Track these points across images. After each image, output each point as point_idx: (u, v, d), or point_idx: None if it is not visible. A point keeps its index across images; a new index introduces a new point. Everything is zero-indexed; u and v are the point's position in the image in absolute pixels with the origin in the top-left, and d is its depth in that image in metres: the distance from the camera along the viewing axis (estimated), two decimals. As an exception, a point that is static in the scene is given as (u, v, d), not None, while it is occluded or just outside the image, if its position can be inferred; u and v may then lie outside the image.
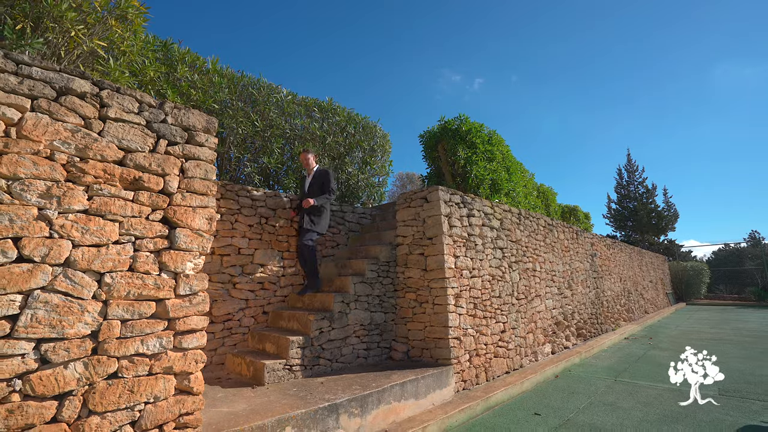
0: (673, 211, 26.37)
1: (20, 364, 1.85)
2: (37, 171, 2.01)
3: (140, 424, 2.16)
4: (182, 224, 2.47)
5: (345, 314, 4.33)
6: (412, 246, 4.91)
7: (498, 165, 6.72)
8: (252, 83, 5.44)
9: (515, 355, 5.38)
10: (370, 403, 3.29)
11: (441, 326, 4.36)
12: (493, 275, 5.25)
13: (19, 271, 1.89)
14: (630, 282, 12.88)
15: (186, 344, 2.38)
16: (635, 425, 3.43)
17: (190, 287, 2.44)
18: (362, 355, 4.43)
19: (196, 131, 2.67)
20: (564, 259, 7.67)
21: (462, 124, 6.27)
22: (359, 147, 6.69)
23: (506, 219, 5.85)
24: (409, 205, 5.02)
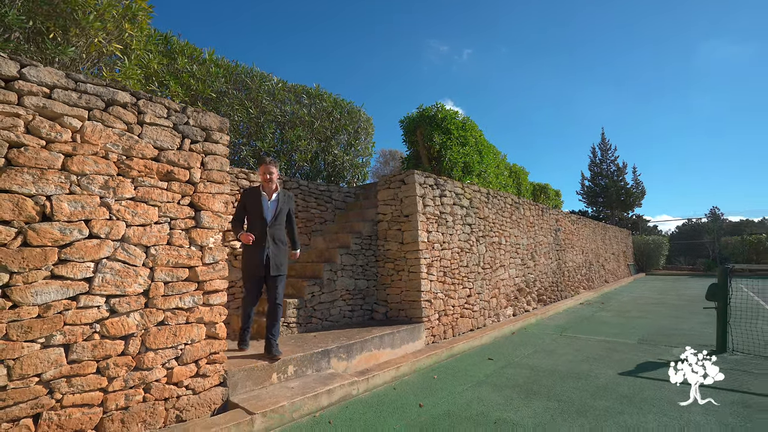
0: (641, 189, 27.82)
1: (97, 313, 2.51)
2: (97, 168, 2.60)
3: (182, 359, 2.87)
4: (205, 207, 3.10)
5: (333, 281, 5.08)
6: (391, 222, 5.63)
7: (471, 149, 7.42)
8: (246, 72, 5.89)
9: (479, 316, 6.28)
10: (354, 350, 4.09)
11: (415, 291, 5.16)
12: (461, 248, 6.05)
13: (91, 245, 2.52)
14: (592, 254, 14.06)
15: (212, 301, 3.07)
16: (563, 364, 4.35)
17: (213, 257, 3.11)
18: (348, 315, 5.23)
19: (212, 131, 3.26)
20: (529, 234, 8.56)
21: (438, 111, 6.89)
22: (344, 130, 7.25)
23: (475, 198, 6.62)
24: (389, 186, 5.70)
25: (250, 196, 3.69)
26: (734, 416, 2.87)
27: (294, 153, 6.41)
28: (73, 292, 2.43)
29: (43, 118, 2.44)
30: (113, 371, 2.55)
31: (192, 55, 5.40)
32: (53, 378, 2.33)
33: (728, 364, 4.17)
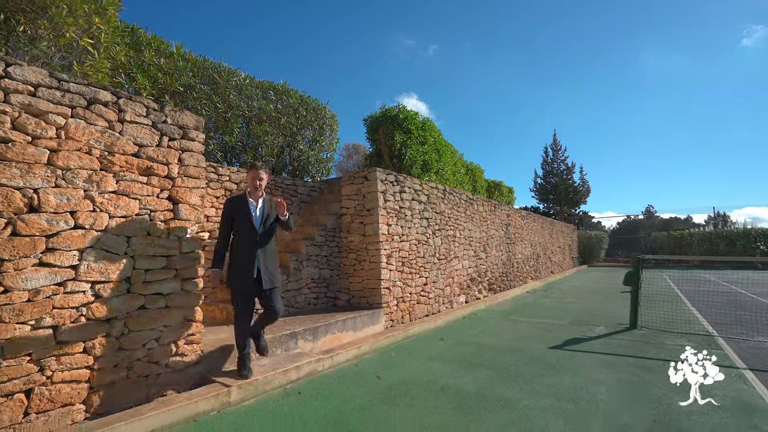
0: (587, 187, 29.98)
1: (83, 298, 2.72)
2: (81, 163, 2.78)
3: (162, 340, 3.13)
4: (183, 200, 3.34)
5: (299, 270, 5.41)
6: (353, 216, 6.02)
7: (429, 148, 7.94)
8: (213, 67, 6.01)
9: (434, 302, 6.85)
10: (319, 332, 4.47)
11: (375, 279, 5.61)
12: (419, 240, 6.57)
13: (77, 234, 2.72)
14: (540, 247, 15.21)
15: (188, 287, 3.33)
16: (504, 341, 4.98)
17: (189, 247, 3.36)
18: (312, 302, 5.58)
19: (188, 129, 3.49)
20: (482, 228, 9.27)
21: (400, 112, 7.33)
22: (310, 126, 7.52)
23: (433, 194, 7.15)
24: (352, 182, 6.08)
25: (236, 205, 3.45)
26: (628, 374, 3.57)
27: (260, 147, 6.60)
28: (61, 279, 2.63)
29: (29, 115, 2.60)
30: (98, 351, 2.78)
31: (159, 48, 5.46)
32: (43, 357, 2.54)
33: (635, 337, 4.99)
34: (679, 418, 2.67)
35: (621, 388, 3.28)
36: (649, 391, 3.18)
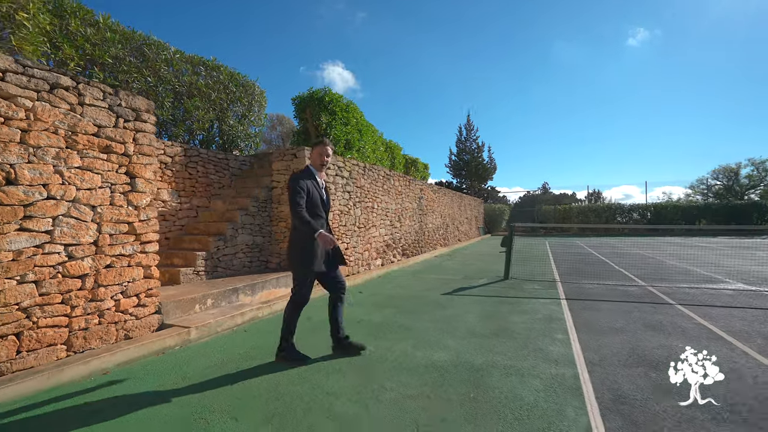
0: (494, 165, 33.42)
1: (59, 258, 3.23)
2: (49, 141, 3.21)
3: (126, 293, 3.73)
4: (139, 175, 3.86)
5: (235, 237, 6.07)
6: (284, 188, 6.75)
7: (352, 128, 8.82)
8: (143, 39, 6.10)
9: (355, 265, 7.96)
10: (257, 288, 5.29)
11: (304, 244, 6.49)
12: (341, 211, 7.55)
13: (50, 204, 3.18)
14: (449, 218, 17.20)
15: (148, 249, 3.92)
16: (410, 291, 6.29)
17: (146, 215, 3.92)
18: (247, 266, 6.31)
19: (141, 111, 3.95)
20: (397, 201, 10.54)
21: (326, 95, 8.04)
22: (239, 102, 7.88)
23: (354, 171, 8.12)
24: (282, 158, 6.77)
25: (308, 179, 3.18)
26: (490, 306, 5.07)
27: (191, 122, 6.89)
28: (39, 242, 3.12)
29: (1, 98, 2.96)
30: (75, 301, 3.33)
31: (84, 17, 5.45)
32: (29, 306, 3.06)
33: (504, 285, 6.67)
34: (511, 327, 4.12)
35: (482, 314, 4.72)
36: (498, 315, 4.66)
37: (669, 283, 6.64)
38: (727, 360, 3.10)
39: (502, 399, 2.50)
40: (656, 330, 3.95)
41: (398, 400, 2.51)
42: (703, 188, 33.79)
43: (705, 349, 3.14)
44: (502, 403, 2.45)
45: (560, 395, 2.54)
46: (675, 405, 2.38)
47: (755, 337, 3.66)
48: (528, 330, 4.04)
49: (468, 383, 2.75)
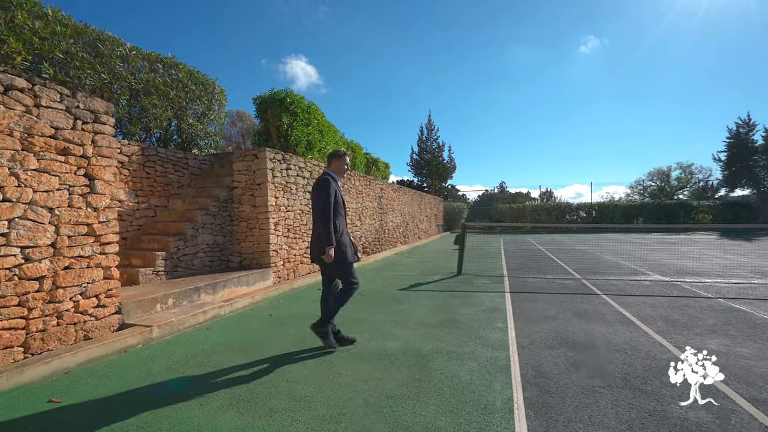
0: (453, 164, 34.49)
1: (15, 260, 3.25)
2: (4, 144, 3.21)
3: (86, 294, 3.77)
4: (98, 177, 3.90)
5: (195, 237, 6.11)
6: (245, 189, 6.85)
7: (313, 129, 8.99)
8: (96, 35, 5.96)
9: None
10: (218, 287, 5.41)
11: (264, 243, 6.64)
12: (302, 210, 7.73)
13: (5, 206, 3.20)
14: (409, 216, 17.72)
15: (107, 250, 3.97)
16: (371, 286, 6.61)
17: (106, 216, 3.97)
18: (208, 265, 6.36)
19: (99, 113, 3.97)
20: (357, 200, 10.82)
21: (287, 96, 8.16)
22: (199, 101, 7.83)
23: (315, 171, 8.31)
24: (244, 159, 6.86)
25: (335, 186, 3.55)
26: (441, 300, 5.50)
27: (148, 120, 6.80)
28: (-5, 244, 3.13)
29: (-47, 101, 2.95)
30: (32, 303, 3.36)
31: (32, 10, 5.27)
32: (-15, 307, 3.07)
33: (457, 280, 7.17)
34: (458, 318, 4.55)
35: (433, 307, 5.14)
36: (448, 307, 5.09)
37: (600, 276, 7.42)
38: (631, 339, 3.68)
39: (443, 379, 2.88)
40: (581, 317, 4.53)
41: (351, 383, 2.82)
42: (640, 189, 36.78)
43: (617, 331, 3.70)
44: (442, 382, 2.83)
45: (492, 374, 2.96)
46: (582, 377, 2.87)
47: (657, 320, 4.32)
48: (472, 320, 4.49)
49: (414, 367, 3.11)
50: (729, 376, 2.84)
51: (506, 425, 2.23)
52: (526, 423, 2.26)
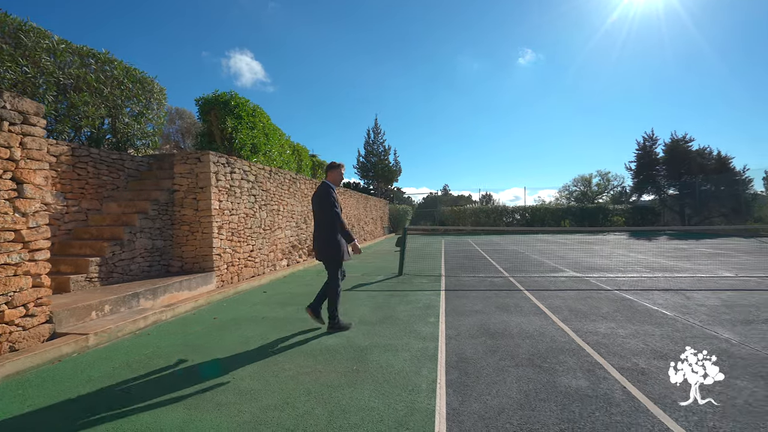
0: (399, 167, 35.34)
1: (-66, 268, 3.09)
2: None
3: (12, 303, 3.63)
4: (27, 181, 3.77)
5: (133, 241, 5.94)
6: (187, 192, 6.75)
7: (258, 132, 9.01)
8: (18, 25, 5.59)
9: (260, 265, 8.21)
10: (159, 292, 5.34)
11: (207, 247, 6.60)
12: (247, 214, 7.75)
13: (-76, 212, 3.04)
14: (354, 219, 18.03)
15: (37, 257, 3.84)
16: (312, 289, 6.81)
17: (36, 222, 3.84)
18: (146, 270, 6.20)
19: (29, 115, 3.84)
20: (303, 203, 10.93)
21: (231, 98, 8.13)
22: (137, 99, 7.54)
23: (260, 174, 8.35)
24: (186, 162, 6.76)
25: (334, 193, 4.28)
26: (381, 300, 5.89)
27: (78, 118, 6.46)
28: None
29: None
30: (-47, 313, 3.20)
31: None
32: None
33: (398, 280, 7.62)
34: (396, 315, 4.95)
35: (374, 306, 5.51)
36: (387, 306, 5.48)
37: (525, 274, 8.27)
38: (540, 327, 4.31)
39: (378, 368, 3.23)
40: (503, 310, 5.13)
41: (295, 376, 3.08)
42: (567, 193, 40.30)
43: (531, 321, 4.30)
44: (377, 371, 3.18)
45: (421, 362, 3.37)
46: (496, 360, 3.37)
47: (564, 310, 5.04)
48: (409, 317, 4.91)
49: (353, 360, 3.44)
50: (607, 352, 3.50)
51: (429, 402, 2.63)
52: (446, 399, 2.67)
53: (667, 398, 2.63)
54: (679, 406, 2.53)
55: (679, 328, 4.22)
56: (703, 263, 9.47)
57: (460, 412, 2.49)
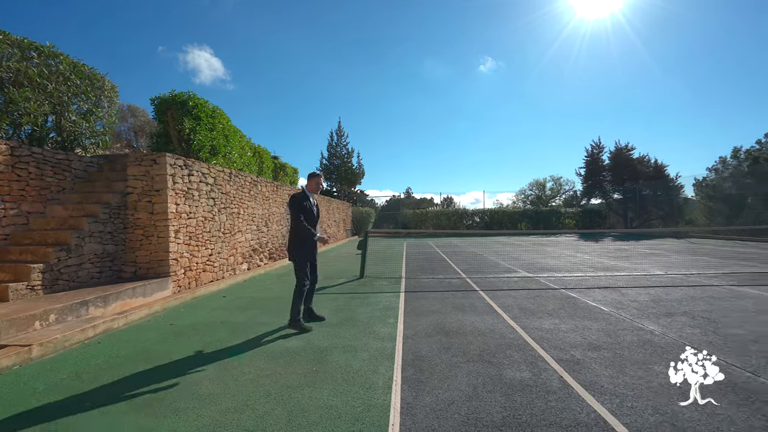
0: (362, 170, 35.47)
1: None
2: None
3: (-54, 312, 3.41)
4: (-36, 184, 3.55)
5: (81, 246, 5.67)
6: (141, 195, 6.52)
7: (218, 134, 8.83)
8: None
9: (219, 270, 8.05)
10: (110, 299, 5.14)
11: (164, 252, 6.41)
12: (205, 217, 7.58)
13: None
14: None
15: (-25, 264, 3.62)
16: (273, 294, 6.80)
17: (-27, 227, 3.62)
18: (96, 277, 5.93)
19: (-34, 114, 3.62)
20: (264, 206, 10.81)
21: (189, 99, 7.93)
22: (85, 97, 7.18)
23: (219, 177, 8.19)
24: (140, 163, 6.53)
25: (304, 199, 4.63)
26: (342, 301, 6.00)
27: (18, 115, 6.08)
28: None
29: None
30: None
31: None
32: None
33: (359, 282, 7.75)
34: (356, 317, 5.08)
35: (335, 308, 5.61)
36: (348, 308, 5.60)
37: (482, 275, 8.67)
38: (492, 324, 4.60)
39: (338, 368, 3.35)
40: (459, 310, 5.41)
41: (255, 379, 3.14)
42: (523, 197, 42.21)
43: (484, 319, 4.56)
44: (336, 371, 3.30)
45: (379, 360, 3.52)
46: (449, 357, 3.59)
47: (514, 308, 5.39)
48: (369, 318, 5.06)
49: (313, 361, 3.53)
50: (549, 346, 3.82)
51: (384, 398, 2.79)
52: (401, 395, 2.84)
53: (596, 384, 2.95)
54: (605, 389, 2.85)
55: (613, 321, 4.66)
56: (639, 263, 10.34)
57: (413, 405, 2.67)
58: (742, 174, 22.61)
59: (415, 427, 2.40)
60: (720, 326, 4.40)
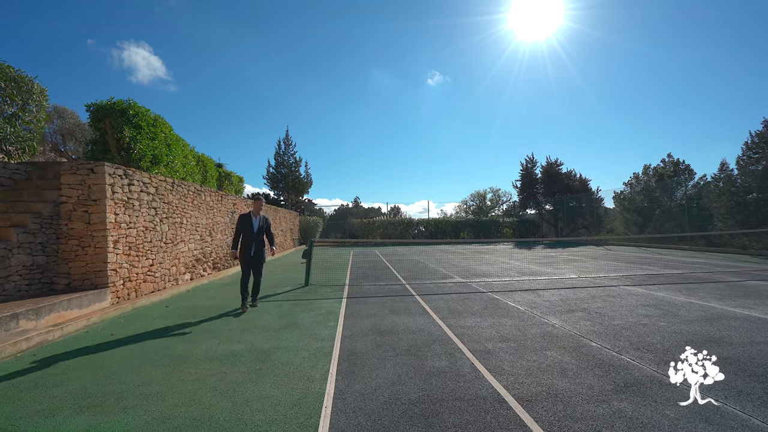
0: (310, 179, 35.44)
1: None
2: None
3: None
4: None
5: (8, 258, 5.46)
6: (77, 204, 6.36)
7: (160, 143, 8.74)
8: None
9: (160, 280, 7.94)
10: (43, 312, 5.03)
11: (101, 263, 6.30)
12: (146, 227, 7.49)
13: None
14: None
15: None
16: (217, 302, 6.89)
17: None
18: (25, 289, 5.71)
19: None
20: (208, 215, 10.72)
21: (129, 107, 7.82)
22: (10, 100, 6.87)
23: (161, 186, 8.12)
24: (76, 172, 6.38)
25: (246, 219, 6.40)
26: (286, 308, 6.28)
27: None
28: None
29: None
30: None
31: None
32: None
33: (303, 290, 8.04)
34: (299, 321, 5.41)
35: (279, 314, 5.89)
36: (292, 314, 5.91)
37: (420, 281, 9.31)
38: (422, 324, 5.17)
39: (279, 366, 3.70)
40: (394, 313, 5.93)
41: (201, 378, 3.40)
42: (465, 207, 44.47)
43: (416, 320, 5.10)
44: (278, 368, 3.65)
45: (318, 358, 3.92)
46: (381, 352, 4.07)
47: (444, 310, 6.02)
48: (311, 322, 5.42)
49: (257, 360, 3.85)
50: (468, 339, 4.45)
51: (320, 387, 3.20)
52: (335, 384, 3.26)
53: (499, 368, 3.58)
54: (504, 371, 3.48)
55: (525, 318, 5.43)
56: (560, 268, 11.63)
57: (344, 392, 3.11)
58: (650, 188, 25.79)
59: (345, 408, 2.83)
60: (606, 318, 5.33)
